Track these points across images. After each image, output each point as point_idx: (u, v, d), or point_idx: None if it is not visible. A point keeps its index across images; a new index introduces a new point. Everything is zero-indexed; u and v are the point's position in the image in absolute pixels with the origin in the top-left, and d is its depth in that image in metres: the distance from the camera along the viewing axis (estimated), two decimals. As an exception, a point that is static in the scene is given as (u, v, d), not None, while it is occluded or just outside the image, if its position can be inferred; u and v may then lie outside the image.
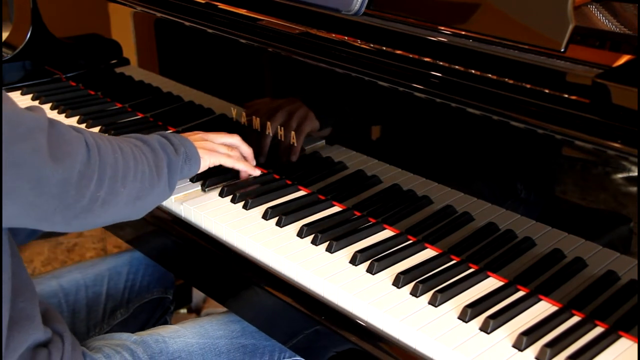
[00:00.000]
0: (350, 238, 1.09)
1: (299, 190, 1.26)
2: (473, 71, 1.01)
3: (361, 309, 0.96)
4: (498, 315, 0.92)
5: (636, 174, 0.85)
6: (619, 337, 0.90)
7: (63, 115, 1.58)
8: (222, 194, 1.23)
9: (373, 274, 1.01)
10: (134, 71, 1.60)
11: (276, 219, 1.15)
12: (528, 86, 0.96)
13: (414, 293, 0.97)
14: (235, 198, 1.21)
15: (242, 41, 1.29)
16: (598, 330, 0.91)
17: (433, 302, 0.95)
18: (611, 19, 1.03)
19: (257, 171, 1.28)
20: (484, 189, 1.03)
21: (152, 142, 1.09)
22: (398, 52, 1.10)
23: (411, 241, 1.10)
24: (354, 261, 1.04)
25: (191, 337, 1.15)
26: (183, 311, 2.11)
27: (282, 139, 1.27)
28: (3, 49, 1.81)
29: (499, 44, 1.00)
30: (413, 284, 0.98)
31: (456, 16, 1.05)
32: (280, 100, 1.28)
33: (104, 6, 1.60)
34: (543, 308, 0.95)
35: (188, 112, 1.48)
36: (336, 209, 1.19)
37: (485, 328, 0.91)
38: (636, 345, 0.89)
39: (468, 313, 0.92)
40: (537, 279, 0.98)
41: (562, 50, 0.93)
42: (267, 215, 1.16)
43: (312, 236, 1.10)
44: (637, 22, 1.01)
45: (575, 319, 0.93)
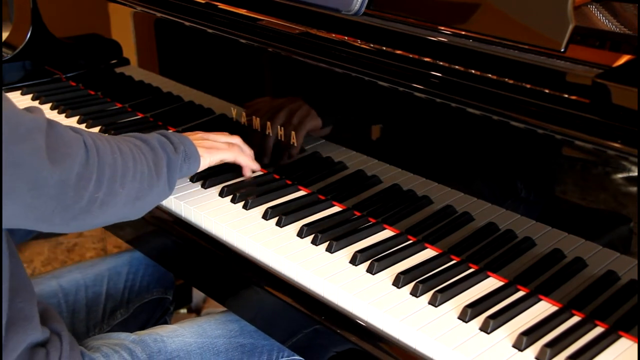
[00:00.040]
0: (350, 238, 1.09)
1: (299, 190, 1.26)
2: (473, 71, 1.01)
3: (361, 309, 0.96)
4: (498, 315, 0.92)
5: (636, 174, 0.85)
6: (619, 337, 0.90)
7: (63, 115, 1.58)
8: (222, 194, 1.23)
9: (373, 274, 1.01)
10: (134, 71, 1.60)
11: (276, 219, 1.15)
12: (528, 86, 0.96)
13: (414, 293, 0.97)
14: (235, 198, 1.21)
15: (242, 41, 1.29)
16: (598, 330, 0.91)
17: (433, 302, 0.95)
18: (611, 19, 1.03)
19: (257, 165, 1.28)
20: (484, 189, 1.03)
21: (152, 141, 1.09)
22: (398, 52, 1.10)
23: (411, 241, 1.10)
24: (354, 261, 1.04)
25: (189, 337, 1.15)
26: (183, 311, 2.11)
27: (282, 139, 1.27)
28: (3, 49, 1.81)
29: (499, 44, 1.00)
30: (413, 284, 0.98)
31: (456, 16, 1.05)
32: (280, 100, 1.28)
33: (104, 6, 1.60)
34: (543, 308, 0.95)
35: (188, 112, 1.48)
36: (336, 209, 1.19)
37: (485, 328, 0.91)
38: (636, 345, 0.89)
39: (468, 313, 0.92)
40: (537, 279, 0.98)
41: (562, 50, 0.93)
42: (267, 215, 1.16)
43: (312, 236, 1.10)
44: (637, 22, 1.01)
45: (575, 319, 0.93)
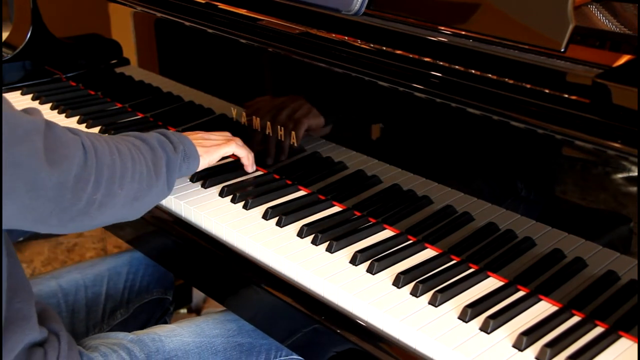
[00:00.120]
0: (350, 238, 1.09)
1: (299, 190, 1.26)
2: (473, 71, 1.01)
3: (361, 309, 0.96)
4: (498, 315, 0.92)
5: (636, 174, 0.85)
6: (619, 337, 0.90)
7: (63, 115, 1.58)
8: (222, 194, 1.23)
9: (373, 274, 1.01)
10: (134, 71, 1.60)
11: (276, 219, 1.15)
12: (528, 86, 0.96)
13: (414, 293, 0.97)
14: (235, 198, 1.21)
15: (242, 41, 1.29)
16: (598, 330, 0.91)
17: (433, 302, 0.95)
18: (611, 19, 1.03)
19: (252, 156, 1.28)
20: (484, 189, 1.03)
21: (151, 141, 1.09)
22: (398, 52, 1.10)
23: (411, 241, 1.10)
24: (354, 261, 1.04)
25: (187, 336, 1.14)
26: (183, 311, 2.11)
27: (282, 139, 1.27)
28: (3, 49, 1.81)
29: (499, 44, 0.99)
30: (413, 284, 0.98)
31: (456, 16, 1.05)
32: (280, 100, 1.28)
33: (104, 6, 1.60)
34: (543, 308, 0.95)
35: (188, 112, 1.48)
36: (336, 209, 1.19)
37: (485, 328, 0.91)
38: (636, 345, 0.89)
39: (468, 313, 0.92)
40: (537, 279, 0.98)
41: (562, 50, 0.93)
42: (267, 215, 1.16)
43: (312, 236, 1.10)
44: (637, 22, 1.01)
45: (575, 319, 0.93)
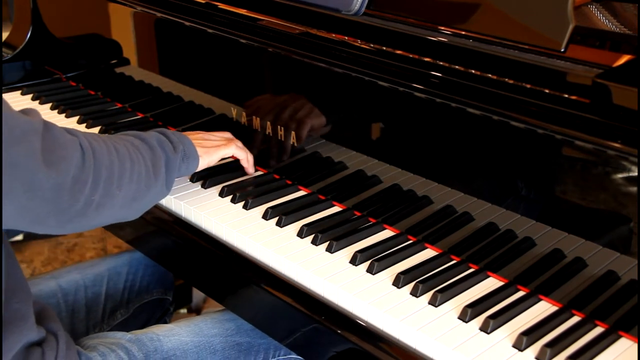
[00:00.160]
0: (350, 238, 1.09)
1: (299, 190, 1.26)
2: (473, 71, 1.01)
3: (361, 309, 0.96)
4: (498, 315, 0.92)
5: (636, 174, 0.85)
6: (619, 337, 0.90)
7: (63, 115, 1.58)
8: (222, 194, 1.23)
9: (373, 274, 1.01)
10: (134, 71, 1.60)
11: (276, 219, 1.15)
12: (528, 86, 0.96)
13: (414, 293, 0.97)
14: (235, 198, 1.21)
15: (242, 41, 1.28)
16: (598, 330, 0.91)
17: (433, 302, 0.95)
18: (611, 19, 1.03)
19: (252, 158, 1.28)
20: (484, 189, 1.03)
21: (150, 140, 1.09)
22: (398, 52, 1.10)
23: (411, 241, 1.10)
24: (354, 261, 1.04)
25: (186, 336, 1.14)
26: (183, 311, 2.11)
27: (283, 139, 1.27)
28: (3, 49, 1.81)
29: (499, 44, 0.99)
30: (413, 284, 0.98)
31: (456, 16, 1.05)
32: (280, 100, 1.28)
33: (104, 6, 1.60)
34: (543, 308, 0.95)
35: (188, 112, 1.48)
36: (336, 209, 1.19)
37: (485, 328, 0.91)
38: (636, 345, 0.89)
39: (468, 313, 0.92)
40: (537, 279, 0.98)
41: (562, 50, 0.93)
42: (267, 215, 1.16)
43: (312, 236, 1.10)
44: (637, 22, 1.01)
45: (575, 319, 0.93)
